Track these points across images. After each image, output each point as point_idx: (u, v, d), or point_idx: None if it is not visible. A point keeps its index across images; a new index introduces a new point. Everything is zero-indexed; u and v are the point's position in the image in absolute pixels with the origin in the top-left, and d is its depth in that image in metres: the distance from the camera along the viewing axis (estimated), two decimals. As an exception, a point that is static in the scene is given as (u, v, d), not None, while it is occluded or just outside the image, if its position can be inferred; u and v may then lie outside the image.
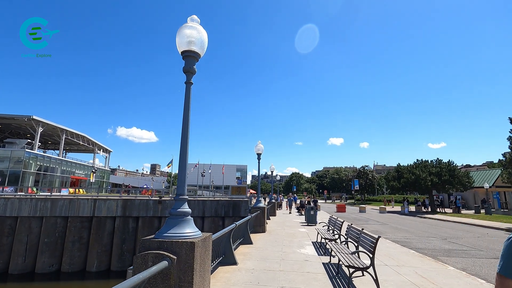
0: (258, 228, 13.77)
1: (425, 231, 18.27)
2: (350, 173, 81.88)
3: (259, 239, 11.81)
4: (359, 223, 23.21)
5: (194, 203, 31.74)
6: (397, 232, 17.39)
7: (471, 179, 35.07)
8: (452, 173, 33.99)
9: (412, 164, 38.00)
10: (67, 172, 47.73)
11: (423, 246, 12.86)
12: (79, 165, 51.58)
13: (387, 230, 18.69)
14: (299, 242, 11.38)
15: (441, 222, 24.44)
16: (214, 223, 31.83)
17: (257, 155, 14.81)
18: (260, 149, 14.70)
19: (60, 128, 43.83)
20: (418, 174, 33.90)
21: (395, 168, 40.39)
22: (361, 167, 70.65)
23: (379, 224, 22.21)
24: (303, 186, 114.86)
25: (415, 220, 26.84)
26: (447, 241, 14.39)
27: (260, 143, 14.79)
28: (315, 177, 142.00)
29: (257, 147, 14.71)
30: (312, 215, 18.04)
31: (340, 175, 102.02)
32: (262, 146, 14.77)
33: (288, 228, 16.21)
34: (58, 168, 44.25)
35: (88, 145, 53.87)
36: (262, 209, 13.80)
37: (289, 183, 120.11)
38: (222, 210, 31.99)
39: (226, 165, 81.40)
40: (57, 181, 44.20)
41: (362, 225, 21.13)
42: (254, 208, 13.88)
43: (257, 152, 14.75)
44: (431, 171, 34.42)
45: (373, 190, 72.76)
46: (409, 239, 14.52)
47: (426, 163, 36.87)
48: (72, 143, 53.29)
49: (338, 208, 35.99)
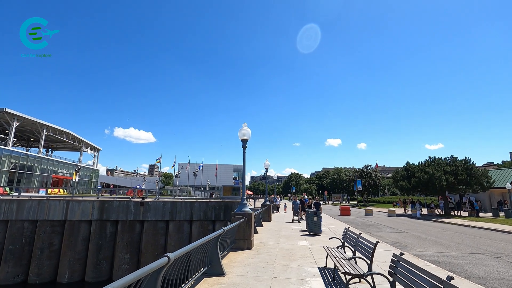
0: (241, 243, 9.64)
1: (460, 242, 14.11)
2: (351, 173, 77.54)
3: (239, 262, 7.72)
4: (371, 230, 19.07)
5: (180, 205, 27.67)
6: (427, 245, 13.22)
7: (490, 178, 30.93)
8: (469, 172, 29.83)
9: (424, 162, 33.77)
10: (48, 171, 43.57)
11: (482, 273, 8.45)
12: (62, 164, 47.25)
13: (411, 241, 14.53)
14: (299, 269, 7.23)
15: (468, 229, 20.25)
16: (203, 227, 27.70)
17: (242, 142, 10.68)
18: (246, 134, 10.55)
19: (40, 123, 39.69)
20: (431, 173, 29.67)
21: (403, 167, 36.28)
22: (364, 166, 65.95)
23: (396, 232, 18.00)
24: (303, 187, 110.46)
25: (434, 226, 22.64)
26: (506, 261, 10.26)
27: (246, 126, 10.67)
28: (315, 178, 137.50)
29: (241, 132, 10.57)
30: (315, 222, 13.87)
31: (340, 175, 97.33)
32: (248, 130, 10.63)
33: (284, 239, 12.10)
34: (37, 166, 40.09)
35: (74, 142, 49.56)
36: (247, 217, 9.68)
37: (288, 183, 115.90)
38: (213, 213, 27.90)
39: (222, 165, 77.29)
40: (36, 180, 40.13)
41: (376, 233, 16.97)
42: (236, 214, 9.77)
43: (241, 138, 10.60)
44: (446, 169, 30.26)
45: (375, 191, 68.38)
46: (450, 258, 10.38)
47: (439, 161, 32.63)
48: (57, 141, 49.15)
49: (342, 211, 31.77)
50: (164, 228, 27.33)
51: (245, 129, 10.52)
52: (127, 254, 26.61)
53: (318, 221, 13.87)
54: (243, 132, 10.50)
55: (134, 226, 27.23)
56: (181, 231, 27.30)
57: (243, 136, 10.52)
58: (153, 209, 27.55)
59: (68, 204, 26.96)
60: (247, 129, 10.55)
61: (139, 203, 27.55)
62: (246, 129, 10.53)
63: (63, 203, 27.00)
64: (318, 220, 13.86)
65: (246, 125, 10.63)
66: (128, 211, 27.23)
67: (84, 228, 26.80)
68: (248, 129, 10.59)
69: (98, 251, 26.18)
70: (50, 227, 26.68)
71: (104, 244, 26.50)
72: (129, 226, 27.15)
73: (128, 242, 26.84)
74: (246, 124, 10.65)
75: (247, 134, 10.52)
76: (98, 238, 26.56)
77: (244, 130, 10.50)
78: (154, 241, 26.99)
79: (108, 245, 26.58)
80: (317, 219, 13.86)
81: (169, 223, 27.40)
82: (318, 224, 13.85)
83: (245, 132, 10.50)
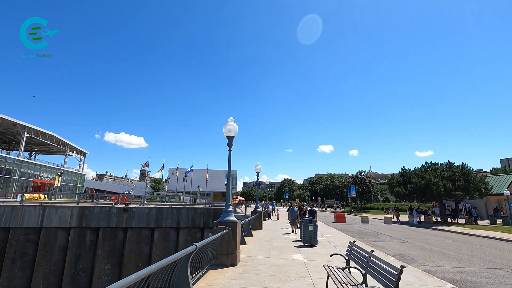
0: (223, 258, 8.01)
1: (470, 254, 12.70)
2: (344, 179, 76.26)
3: (219, 285, 6.12)
4: (369, 239, 17.59)
5: (166, 211, 25.85)
6: (435, 258, 11.76)
7: (487, 184, 29.93)
8: (467, 177, 28.79)
9: (420, 167, 32.64)
10: (29, 175, 40.96)
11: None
12: (44, 168, 44.62)
13: (416, 252, 13.07)
14: (294, 295, 5.68)
15: (471, 238, 18.92)
16: (191, 235, 25.87)
17: (228, 139, 9.13)
18: (232, 130, 8.99)
19: (21, 124, 37.38)
20: (429, 178, 28.52)
21: (399, 172, 35.09)
22: (358, 172, 64.29)
23: (397, 242, 16.53)
24: (296, 193, 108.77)
25: (434, 234, 21.28)
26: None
27: (232, 121, 9.14)
28: (308, 184, 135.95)
29: (227, 127, 9.01)
30: (310, 231, 12.28)
31: (333, 181, 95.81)
32: (235, 125, 9.08)
33: (275, 252, 10.52)
34: (16, 170, 37.60)
35: (59, 145, 47.06)
36: (231, 227, 8.09)
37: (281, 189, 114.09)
38: (201, 219, 26.11)
39: (214, 170, 75.41)
40: (15, 185, 37.58)
41: (376, 243, 15.50)
42: (218, 224, 8.17)
43: (227, 134, 9.05)
44: (443, 175, 29.15)
45: (369, 198, 67.19)
46: (467, 275, 8.91)
47: (436, 166, 31.57)
48: (41, 144, 46.65)
49: (336, 218, 30.25)
50: (149, 236, 25.50)
51: (231, 124, 8.99)
52: (108, 264, 24.66)
53: (314, 231, 12.31)
54: (228, 128, 8.96)
55: (116, 234, 25.29)
56: (167, 239, 25.47)
57: (228, 133, 8.97)
58: (137, 215, 25.69)
59: (44, 211, 24.92)
60: (233, 124, 9.02)
61: (122, 210, 25.68)
62: (232, 124, 9.00)
63: (39, 209, 24.95)
64: (314, 229, 12.30)
65: (232, 120, 9.10)
66: (110, 218, 25.34)
67: (61, 237, 24.80)
68: (235, 124, 9.06)
69: (76, 261, 24.22)
70: (24, 235, 24.61)
71: (83, 253, 24.53)
72: (111, 234, 25.21)
73: (110, 251, 24.89)
74: (233, 119, 9.12)
75: (233, 130, 8.98)
76: (76, 247, 24.58)
77: (230, 125, 8.97)
78: (138, 250, 25.09)
79: (88, 254, 24.61)
80: (313, 228, 12.30)
81: (154, 230, 25.60)
82: (314, 234, 12.28)
83: (231, 127, 8.96)
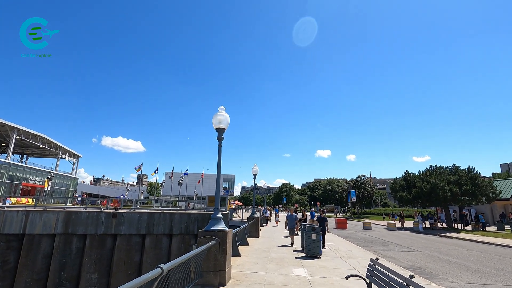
0: (210, 276, 6.43)
1: (495, 267, 11.12)
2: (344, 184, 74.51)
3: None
4: (377, 248, 16.00)
5: (159, 216, 24.24)
6: (457, 271, 10.19)
7: (495, 189, 28.46)
8: (474, 181, 27.33)
9: (425, 171, 31.18)
10: (18, 179, 39.21)
11: None
12: (35, 171, 42.85)
13: (432, 264, 11.49)
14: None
15: (486, 247, 17.29)
16: (184, 242, 24.19)
17: (218, 132, 7.60)
18: (223, 121, 7.47)
19: (10, 126, 35.69)
20: (434, 182, 27.05)
21: (402, 176, 33.54)
22: (358, 176, 62.28)
23: (407, 251, 14.94)
24: (294, 198, 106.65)
25: (445, 242, 19.65)
26: None
27: (223, 110, 7.63)
28: (306, 189, 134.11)
29: (216, 118, 7.49)
30: (314, 241, 10.70)
31: (332, 186, 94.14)
32: (226, 115, 7.58)
33: (274, 265, 8.95)
34: (4, 173, 35.77)
35: (51, 148, 45.26)
36: (220, 237, 6.54)
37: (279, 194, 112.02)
38: (195, 225, 24.45)
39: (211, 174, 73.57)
40: (3, 188, 35.68)
41: (385, 253, 13.92)
42: (205, 234, 6.62)
43: (217, 126, 7.54)
44: (449, 179, 27.68)
45: (369, 203, 65.38)
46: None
47: (441, 170, 30.13)
48: (32, 146, 44.84)
49: (338, 224, 28.58)
50: (140, 243, 23.88)
51: (222, 114, 7.48)
52: (95, 273, 22.98)
53: (318, 240, 10.73)
54: (219, 119, 7.44)
55: (104, 241, 23.62)
56: (159, 246, 23.81)
57: (219, 124, 7.46)
58: (128, 221, 24.06)
59: (28, 216, 23.26)
60: (225, 114, 7.52)
61: (111, 215, 24.04)
62: (223, 114, 7.49)
63: (22, 214, 23.28)
64: (317, 238, 10.73)
65: (223, 109, 7.60)
66: (98, 224, 23.71)
67: (45, 244, 23.13)
68: (226, 114, 7.55)
69: (61, 270, 22.56)
70: (5, 242, 22.94)
71: (69, 262, 22.86)
72: (99, 240, 23.54)
73: (97, 259, 23.22)
74: (224, 108, 7.62)
75: (224, 121, 7.47)
76: (61, 255, 22.89)
77: (221, 115, 7.45)
78: (127, 258, 23.42)
79: (73, 263, 22.95)
80: (317, 237, 10.72)
81: (145, 237, 23.98)
82: (317, 243, 10.70)
83: (222, 118, 7.45)
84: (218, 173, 7.43)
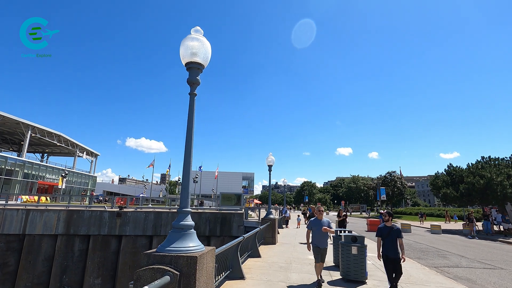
0: None
1: None
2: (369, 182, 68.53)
3: None
4: (435, 261, 11.90)
5: (166, 216, 21.48)
6: None
7: None
8: (541, 176, 22.04)
9: (476, 163, 26.01)
10: (34, 177, 38.96)
11: None
12: (51, 169, 42.30)
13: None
14: None
15: None
16: (195, 245, 21.29)
17: (189, 72, 4.32)
18: (198, 50, 4.18)
19: (25, 123, 34.81)
20: (490, 177, 22.06)
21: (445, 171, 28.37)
22: (387, 173, 56.22)
23: (483, 268, 10.71)
24: (316, 196, 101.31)
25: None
26: None
27: (199, 33, 4.25)
28: (329, 187, 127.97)
29: (187, 44, 4.25)
30: (355, 258, 7.04)
31: (357, 184, 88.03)
32: (205, 41, 4.30)
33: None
34: (19, 171, 35.03)
35: (67, 146, 44.60)
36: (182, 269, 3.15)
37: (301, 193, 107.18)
38: (206, 226, 21.40)
39: (230, 172, 70.79)
40: (18, 187, 34.94)
41: (449, 270, 9.87)
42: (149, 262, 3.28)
43: (188, 60, 4.28)
44: (509, 172, 22.53)
45: (399, 201, 59.17)
46: None
47: (496, 162, 24.87)
48: (50, 144, 44.29)
49: (370, 226, 24.34)
50: (147, 245, 21.31)
51: (197, 38, 4.07)
52: (99, 278, 20.66)
53: (362, 256, 7.00)
54: (191, 45, 4.09)
55: (108, 243, 21.22)
56: (166, 249, 20.95)
57: (190, 57, 4.16)
58: (133, 221, 21.50)
59: (28, 215, 21.30)
60: (202, 39, 4.12)
61: (115, 214, 21.57)
62: (198, 38, 4.09)
63: (21, 213, 21.37)
64: (360, 253, 7.00)
65: (199, 31, 4.19)
66: (101, 224, 21.37)
67: (46, 245, 21.07)
68: (204, 39, 4.15)
69: (62, 274, 20.45)
70: (5, 243, 21.09)
71: (71, 265, 20.69)
72: (102, 242, 21.16)
73: (101, 262, 20.85)
74: (201, 32, 4.23)
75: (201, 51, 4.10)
76: (63, 258, 20.73)
77: (194, 40, 4.06)
78: (132, 262, 20.90)
79: (76, 266, 20.73)
80: (359, 252, 7.00)
81: (152, 239, 21.35)
82: (361, 261, 6.99)
83: (196, 45, 4.06)
84: (190, 127, 4.01)
